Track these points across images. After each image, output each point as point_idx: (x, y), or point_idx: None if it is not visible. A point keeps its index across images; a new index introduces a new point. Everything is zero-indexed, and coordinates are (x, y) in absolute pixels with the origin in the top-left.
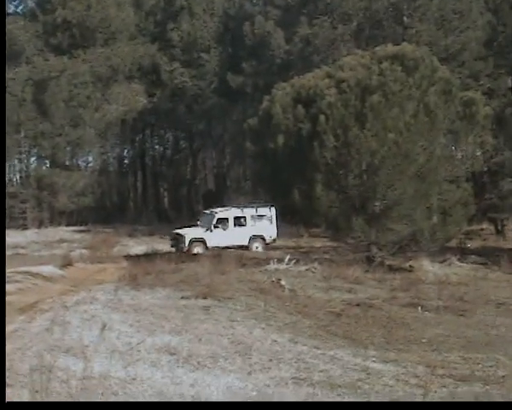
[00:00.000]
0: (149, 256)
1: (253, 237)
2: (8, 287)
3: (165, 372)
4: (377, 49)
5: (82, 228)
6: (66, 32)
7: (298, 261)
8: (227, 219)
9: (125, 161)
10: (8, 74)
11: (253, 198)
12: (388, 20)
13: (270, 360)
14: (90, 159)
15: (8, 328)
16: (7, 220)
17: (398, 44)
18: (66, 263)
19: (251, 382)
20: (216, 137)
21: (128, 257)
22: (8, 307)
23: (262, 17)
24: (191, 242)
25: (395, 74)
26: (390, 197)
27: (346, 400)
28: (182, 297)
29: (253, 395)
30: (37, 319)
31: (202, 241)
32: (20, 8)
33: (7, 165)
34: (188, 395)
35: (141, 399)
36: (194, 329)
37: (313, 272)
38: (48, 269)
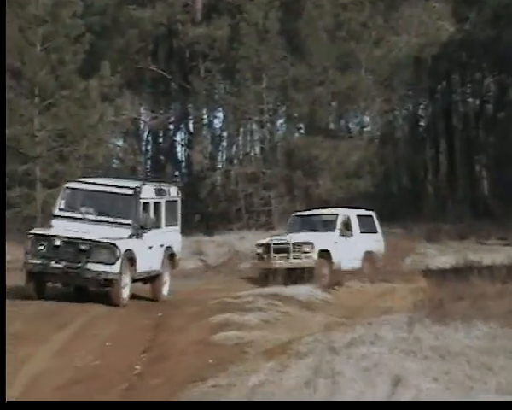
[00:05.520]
0: (461, 272)
1: None
2: (249, 317)
3: None
4: None
5: None
6: None
7: None
8: None
9: (421, 124)
10: None
11: None
12: None
13: None
14: (367, 120)
15: (252, 380)
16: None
17: None
18: (333, 282)
19: None
20: None
21: (427, 273)
22: (250, 350)
23: None
24: None
25: None
26: None
27: None
28: None
29: None
30: (292, 367)
31: None
32: None
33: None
34: None
35: None
36: None
37: None
38: (305, 291)
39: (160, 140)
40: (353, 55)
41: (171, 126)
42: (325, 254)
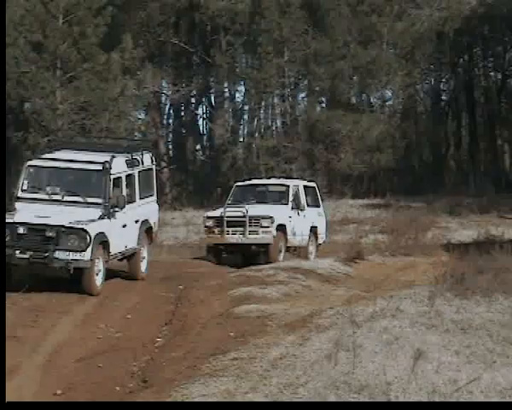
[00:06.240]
0: (482, 245)
1: None
2: (270, 290)
3: None
4: None
5: (376, 201)
6: None
7: None
8: None
9: (443, 98)
10: None
11: None
12: None
13: None
14: (389, 94)
15: (273, 353)
16: None
17: None
18: (353, 255)
19: None
20: None
21: (449, 246)
22: (271, 323)
23: None
24: None
25: None
26: None
27: None
28: None
29: None
30: (313, 340)
31: None
32: None
33: None
34: None
35: None
36: None
37: None
38: (326, 264)
39: (182, 113)
40: (375, 28)
41: (193, 100)
42: (281, 229)
